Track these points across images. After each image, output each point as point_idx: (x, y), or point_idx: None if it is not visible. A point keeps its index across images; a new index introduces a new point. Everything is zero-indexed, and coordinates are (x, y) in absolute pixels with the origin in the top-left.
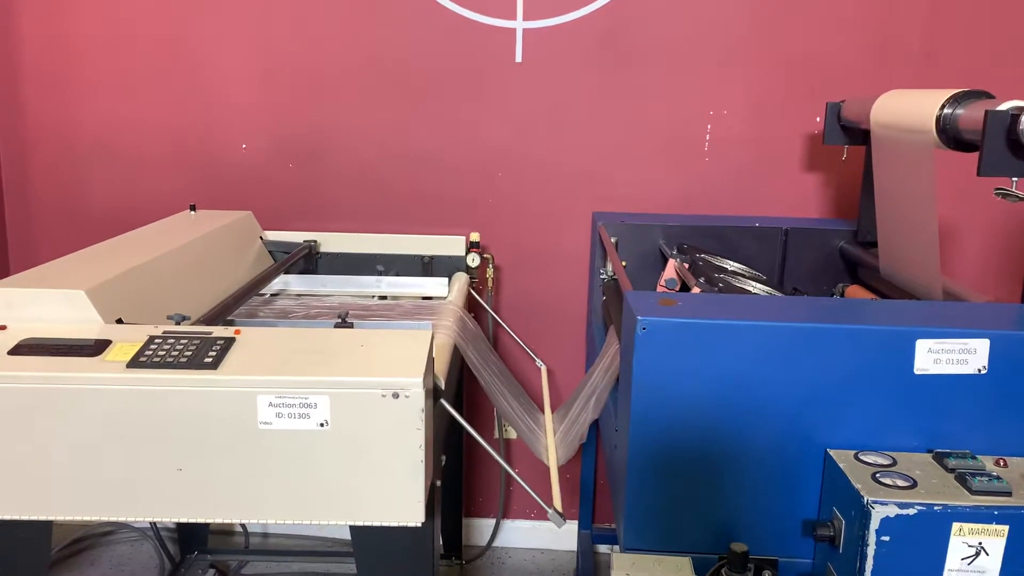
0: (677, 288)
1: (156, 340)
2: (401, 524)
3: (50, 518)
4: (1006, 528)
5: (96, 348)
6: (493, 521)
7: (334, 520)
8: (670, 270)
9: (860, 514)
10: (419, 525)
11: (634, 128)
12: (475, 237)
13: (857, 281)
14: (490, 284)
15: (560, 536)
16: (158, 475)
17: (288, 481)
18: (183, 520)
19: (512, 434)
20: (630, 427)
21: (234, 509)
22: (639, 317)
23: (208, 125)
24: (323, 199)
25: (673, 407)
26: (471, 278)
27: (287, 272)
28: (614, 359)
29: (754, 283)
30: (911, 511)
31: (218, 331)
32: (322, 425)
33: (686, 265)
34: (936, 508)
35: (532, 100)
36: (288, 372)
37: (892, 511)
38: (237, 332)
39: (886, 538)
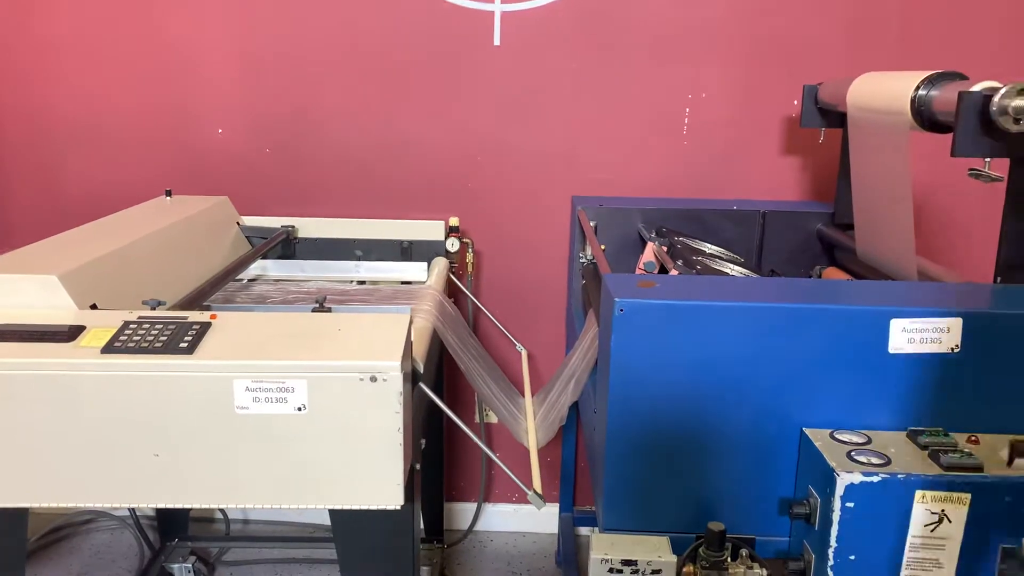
0: (656, 271)
1: (131, 325)
2: (380, 507)
3: (25, 505)
4: (968, 496)
5: (70, 334)
6: (475, 505)
7: (312, 504)
8: (649, 253)
9: (828, 483)
10: (398, 508)
11: (613, 111)
12: (454, 222)
13: (834, 263)
14: (470, 269)
15: (541, 519)
16: (134, 461)
17: (266, 465)
18: (160, 506)
19: (493, 418)
20: (608, 408)
21: (211, 494)
22: (617, 299)
23: (184, 109)
24: (301, 184)
25: (651, 388)
26: (451, 263)
27: (264, 257)
28: (593, 342)
29: (732, 265)
30: (875, 478)
31: (194, 316)
32: (299, 409)
33: (664, 248)
34: (900, 476)
35: (511, 84)
36: (265, 356)
37: (857, 478)
38: (213, 317)
39: (851, 504)
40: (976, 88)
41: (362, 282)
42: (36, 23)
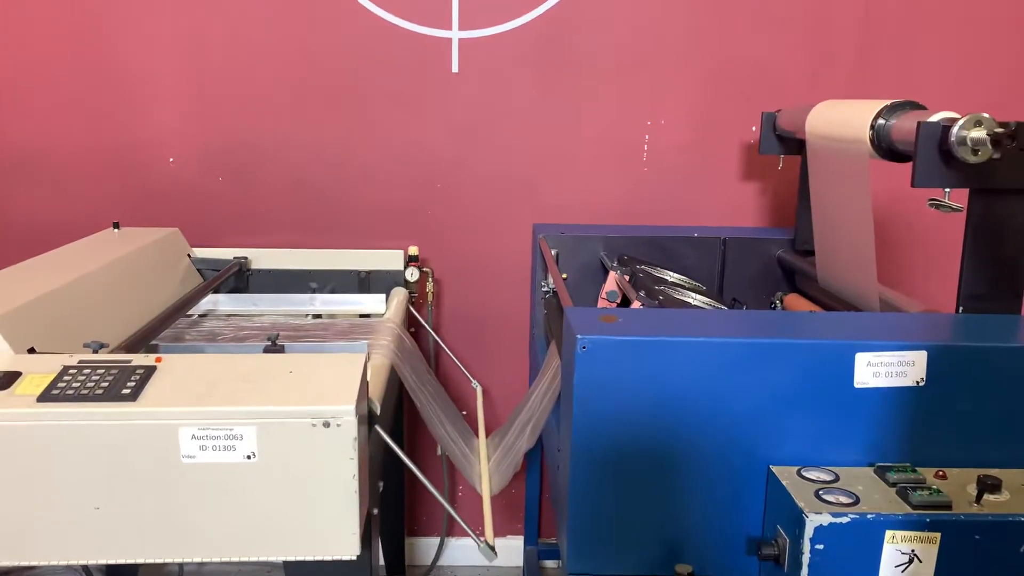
0: (618, 300)
1: (71, 371)
2: (335, 558)
3: None
4: (938, 536)
5: (4, 381)
6: (437, 540)
7: (265, 556)
8: (611, 282)
9: (797, 524)
10: (354, 558)
11: (573, 138)
12: (414, 251)
13: (795, 289)
14: (430, 299)
15: (506, 553)
16: (74, 515)
17: (214, 517)
18: (103, 562)
19: None
20: (571, 446)
21: (156, 548)
22: (579, 335)
23: (134, 137)
24: (255, 213)
25: (615, 425)
26: (410, 293)
27: (216, 291)
28: (555, 377)
29: (694, 295)
30: (844, 519)
31: (138, 359)
32: (249, 457)
33: (627, 277)
34: (869, 516)
35: (470, 110)
36: (212, 402)
37: (826, 520)
38: (158, 360)
39: (820, 546)
40: (934, 118)
41: (318, 316)
42: None
